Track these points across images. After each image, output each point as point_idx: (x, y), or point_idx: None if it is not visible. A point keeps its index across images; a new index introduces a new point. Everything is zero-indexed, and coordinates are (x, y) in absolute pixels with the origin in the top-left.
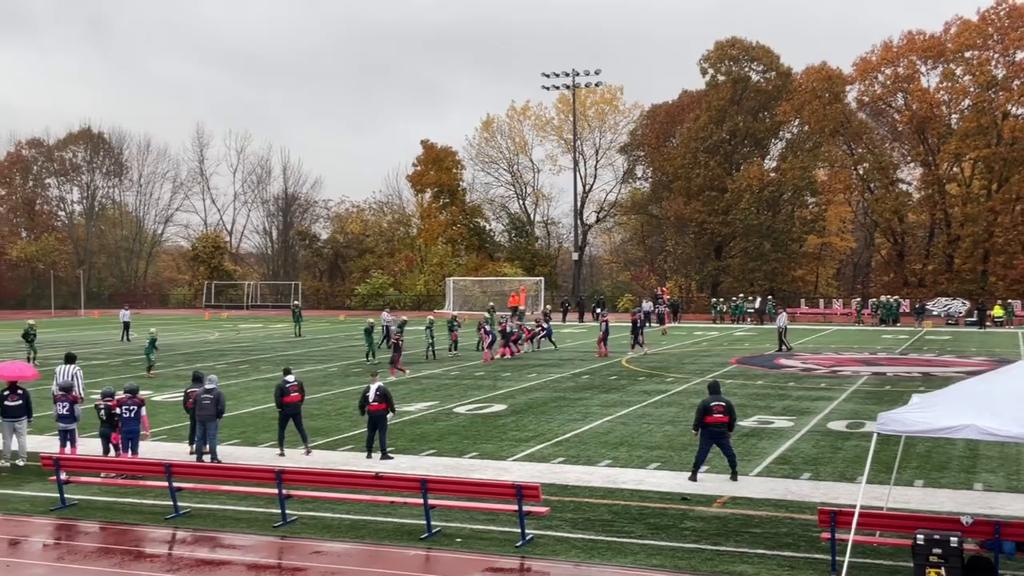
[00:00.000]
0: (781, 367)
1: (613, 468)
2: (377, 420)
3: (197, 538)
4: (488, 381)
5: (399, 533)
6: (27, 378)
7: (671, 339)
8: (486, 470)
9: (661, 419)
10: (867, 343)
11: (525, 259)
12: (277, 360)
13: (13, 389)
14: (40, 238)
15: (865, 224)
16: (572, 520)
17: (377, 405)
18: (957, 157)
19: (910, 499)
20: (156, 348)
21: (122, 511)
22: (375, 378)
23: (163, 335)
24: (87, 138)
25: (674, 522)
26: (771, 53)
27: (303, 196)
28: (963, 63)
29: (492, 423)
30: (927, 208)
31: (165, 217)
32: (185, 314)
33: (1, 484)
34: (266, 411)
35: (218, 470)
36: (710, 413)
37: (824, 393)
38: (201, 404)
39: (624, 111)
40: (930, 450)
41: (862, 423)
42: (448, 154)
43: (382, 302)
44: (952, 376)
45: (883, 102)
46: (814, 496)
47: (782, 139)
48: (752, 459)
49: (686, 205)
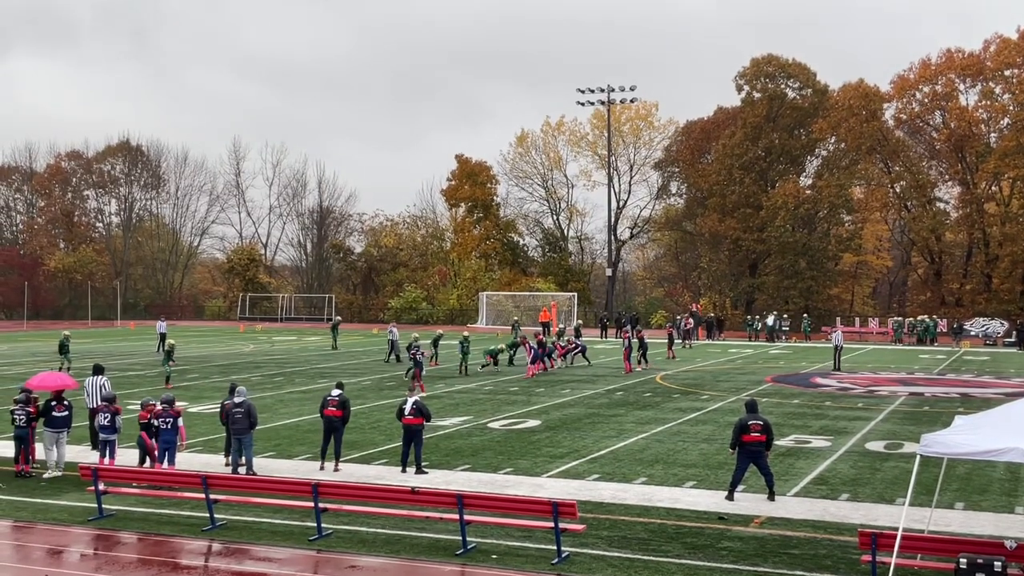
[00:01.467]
0: (817, 386)
1: (649, 486)
2: (413, 434)
3: (233, 550)
4: (522, 396)
5: (434, 548)
6: (69, 387)
7: (705, 356)
8: (521, 486)
9: (697, 437)
10: (904, 363)
11: (558, 274)
12: (312, 373)
13: (60, 400)
14: (78, 249)
15: (902, 243)
16: (608, 538)
17: (413, 419)
18: (996, 176)
19: (950, 522)
20: (173, 360)
21: (159, 522)
22: (413, 392)
23: (198, 347)
24: (126, 150)
25: (711, 542)
26: (807, 70)
27: (338, 209)
28: (1002, 81)
29: (527, 439)
30: (965, 227)
31: (201, 229)
32: (220, 326)
33: (40, 494)
34: (301, 423)
35: (254, 482)
36: (747, 432)
37: (861, 413)
38: (234, 418)
39: (659, 127)
40: (970, 472)
41: (900, 444)
42: (482, 169)
43: (415, 316)
44: (991, 398)
45: (921, 120)
46: (853, 517)
47: (818, 156)
48: (789, 479)
49: (720, 222)
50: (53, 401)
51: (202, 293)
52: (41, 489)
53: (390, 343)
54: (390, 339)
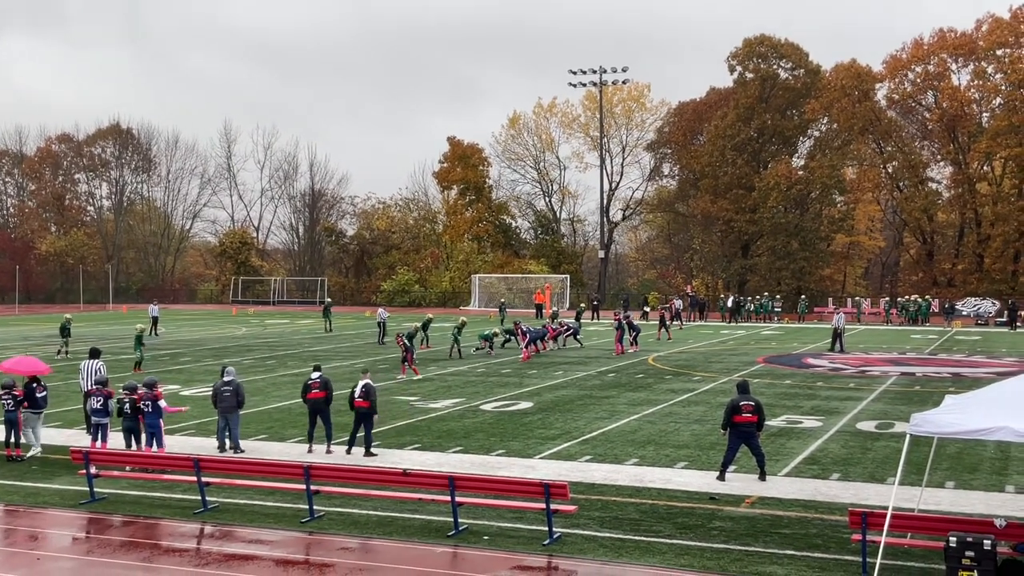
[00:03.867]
0: (809, 366)
1: (640, 467)
2: (363, 417)
3: (225, 533)
4: (514, 379)
5: (426, 530)
6: (42, 372)
7: (697, 337)
8: (513, 468)
9: (688, 418)
10: (896, 343)
11: (551, 257)
12: (304, 356)
13: (38, 381)
14: (69, 233)
15: (894, 223)
16: (599, 519)
17: (362, 402)
18: (988, 156)
19: (941, 501)
20: (143, 344)
21: (151, 505)
22: (365, 375)
23: (190, 331)
24: (116, 134)
25: (702, 522)
26: (800, 50)
27: (330, 192)
28: (995, 61)
29: (519, 421)
30: (957, 207)
31: (193, 213)
32: (212, 309)
33: (31, 477)
34: (292, 406)
35: (246, 465)
36: (739, 412)
37: (853, 393)
38: (222, 397)
39: (651, 108)
40: (961, 451)
41: (891, 423)
42: (475, 151)
43: (408, 299)
44: (982, 377)
45: (913, 100)
46: (844, 497)
47: (810, 137)
48: (781, 459)
49: (713, 203)
50: (33, 383)
51: (194, 276)
52: (32, 473)
53: (379, 325)
54: (379, 321)
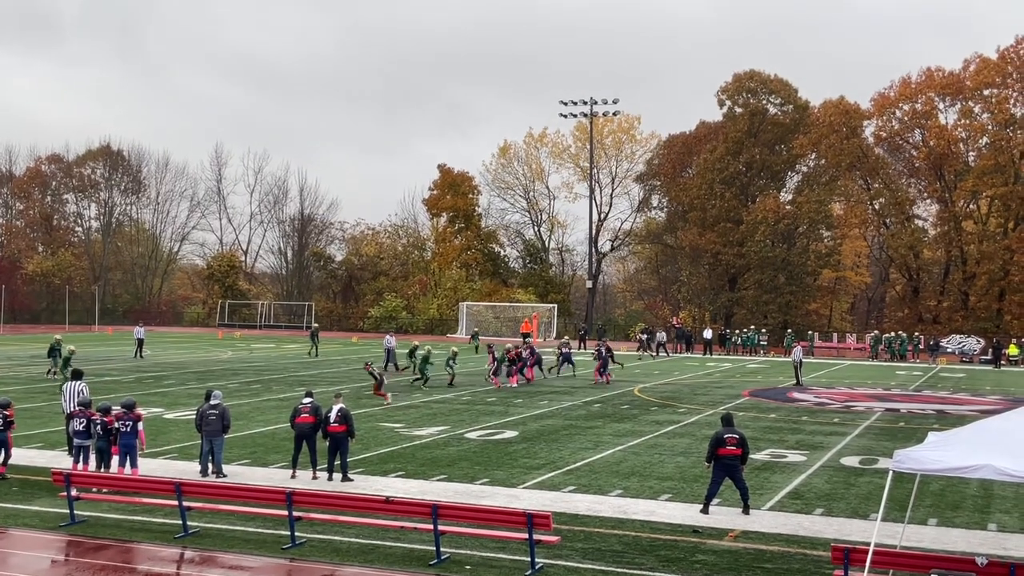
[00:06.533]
0: (794, 400)
1: (624, 498)
2: (338, 442)
3: (205, 558)
4: (500, 407)
5: (409, 559)
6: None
7: (683, 369)
8: (497, 497)
9: (673, 450)
10: (881, 379)
11: (539, 286)
12: (289, 380)
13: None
14: (57, 253)
15: (880, 259)
16: (582, 550)
17: (337, 427)
18: (974, 194)
19: (923, 538)
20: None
21: (131, 529)
22: (338, 399)
23: (176, 353)
24: (106, 155)
25: (685, 555)
26: (789, 86)
27: (319, 217)
28: (981, 101)
29: (503, 449)
30: (943, 245)
31: (181, 235)
32: (198, 332)
33: (11, 499)
34: (277, 431)
35: (228, 490)
36: (723, 445)
37: (837, 428)
38: (207, 420)
39: (641, 140)
40: (944, 488)
41: (875, 459)
42: (465, 179)
43: (394, 325)
44: (966, 415)
45: (900, 138)
46: (827, 532)
47: (798, 172)
48: (765, 493)
49: (701, 236)
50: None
51: (181, 299)
52: (12, 494)
53: (387, 352)
54: (387, 348)
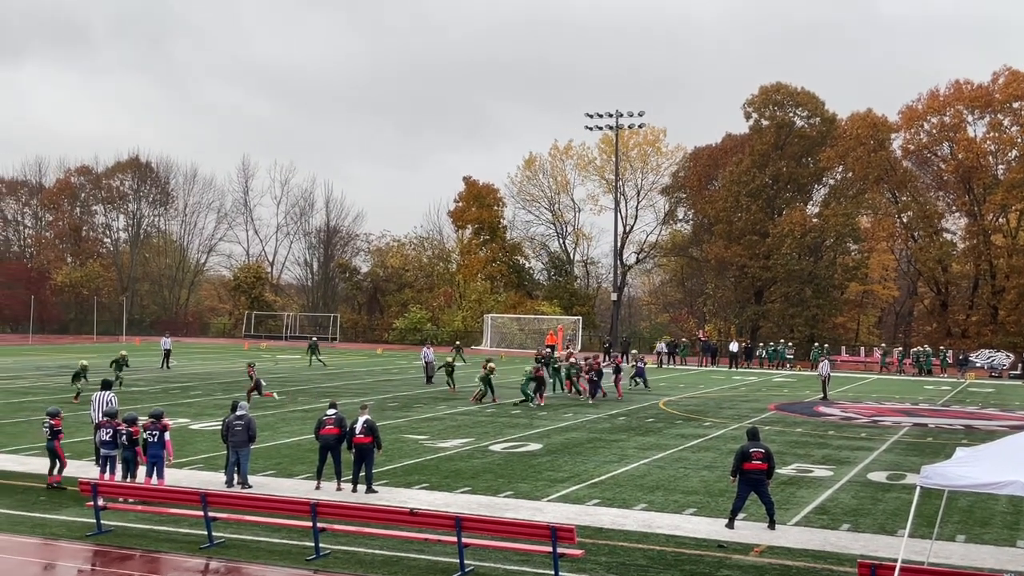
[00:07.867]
0: (821, 415)
1: (649, 512)
2: (364, 453)
3: (230, 569)
4: (524, 419)
5: (432, 571)
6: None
7: (709, 383)
8: (520, 510)
9: (698, 464)
10: (909, 393)
11: (563, 298)
12: (314, 392)
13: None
14: (85, 264)
15: (908, 273)
16: (607, 564)
17: (363, 438)
18: (1003, 208)
19: (951, 554)
20: (85, 379)
21: (157, 539)
22: (364, 411)
23: (202, 364)
24: (135, 167)
25: (710, 570)
26: (816, 99)
27: (345, 229)
28: (1011, 113)
29: (527, 462)
30: (971, 258)
31: (208, 247)
32: (224, 343)
33: (39, 508)
34: (302, 442)
35: (253, 501)
36: (749, 459)
37: (864, 443)
38: (233, 431)
39: (667, 153)
40: (972, 505)
41: (903, 475)
42: (490, 191)
43: (419, 337)
44: (995, 430)
45: (928, 151)
46: (853, 548)
47: (825, 185)
48: (790, 508)
49: (727, 248)
50: None
51: (208, 310)
52: (40, 504)
53: (426, 364)
54: (425, 361)
